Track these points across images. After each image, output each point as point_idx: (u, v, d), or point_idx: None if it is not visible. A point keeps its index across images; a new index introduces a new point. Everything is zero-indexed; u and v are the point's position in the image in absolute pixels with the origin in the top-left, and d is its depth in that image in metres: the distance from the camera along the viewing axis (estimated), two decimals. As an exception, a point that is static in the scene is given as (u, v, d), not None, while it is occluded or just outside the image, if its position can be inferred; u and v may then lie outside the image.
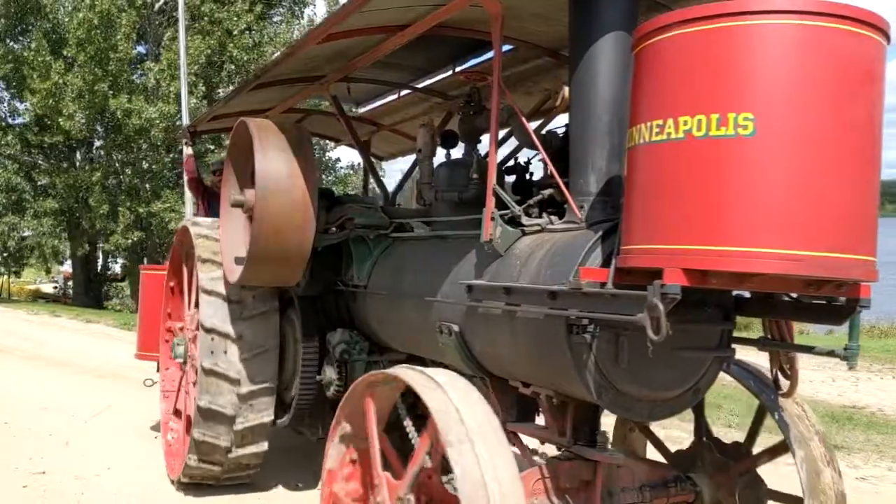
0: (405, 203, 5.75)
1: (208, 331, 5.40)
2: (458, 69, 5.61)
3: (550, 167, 3.62)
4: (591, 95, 3.54)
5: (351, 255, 5.26)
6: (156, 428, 8.04)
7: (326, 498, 3.63)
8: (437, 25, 4.19)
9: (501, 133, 4.85)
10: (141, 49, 27.12)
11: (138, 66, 27.08)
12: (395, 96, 6.60)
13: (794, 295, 3.17)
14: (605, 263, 3.11)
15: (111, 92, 24.31)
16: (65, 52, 24.66)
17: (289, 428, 5.90)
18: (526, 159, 4.77)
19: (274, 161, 4.67)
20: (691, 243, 2.60)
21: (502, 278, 3.61)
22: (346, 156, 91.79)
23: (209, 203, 8.27)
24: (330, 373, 5.28)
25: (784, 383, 3.53)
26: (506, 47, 4.94)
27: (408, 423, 3.39)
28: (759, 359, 3.96)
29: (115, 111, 24.36)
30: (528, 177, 4.76)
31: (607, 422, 3.85)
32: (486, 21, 4.36)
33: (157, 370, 8.06)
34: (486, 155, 4.79)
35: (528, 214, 3.78)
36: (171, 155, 26.09)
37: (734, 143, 2.54)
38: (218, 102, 7.08)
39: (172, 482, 6.07)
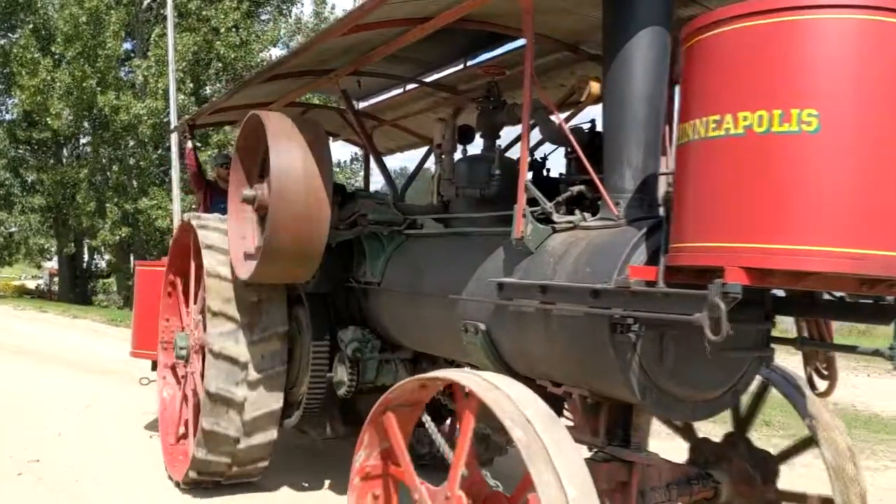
0: (418, 199, 5.57)
1: (215, 314, 5.19)
2: (469, 63, 5.45)
3: (586, 163, 3.46)
4: (627, 91, 3.39)
5: (363, 251, 5.07)
6: (149, 422, 7.99)
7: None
8: (460, 19, 4.02)
9: (513, 129, 4.75)
10: (128, 45, 26.64)
11: (126, 62, 26.61)
12: (401, 91, 6.41)
13: (838, 294, 3.05)
14: (650, 261, 2.98)
15: (99, 88, 23.86)
16: (53, 49, 24.19)
17: (294, 428, 5.70)
18: (542, 155, 4.62)
19: (289, 155, 4.47)
20: (752, 241, 2.46)
21: (534, 276, 3.45)
22: (336, 152, 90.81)
23: (212, 198, 8.00)
24: (342, 372, 5.10)
25: (820, 383, 3.42)
26: (522, 41, 4.79)
27: (431, 427, 3.26)
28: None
29: (103, 108, 23.92)
30: (544, 173, 4.62)
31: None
32: (507, 14, 4.23)
33: (153, 368, 7.82)
34: (507, 150, 4.67)
35: (556, 211, 3.63)
36: (158, 151, 25.70)
37: (798, 140, 2.41)
38: (221, 95, 6.85)
39: (178, 485, 5.86)
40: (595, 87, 3.99)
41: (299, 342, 5.52)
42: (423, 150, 6.32)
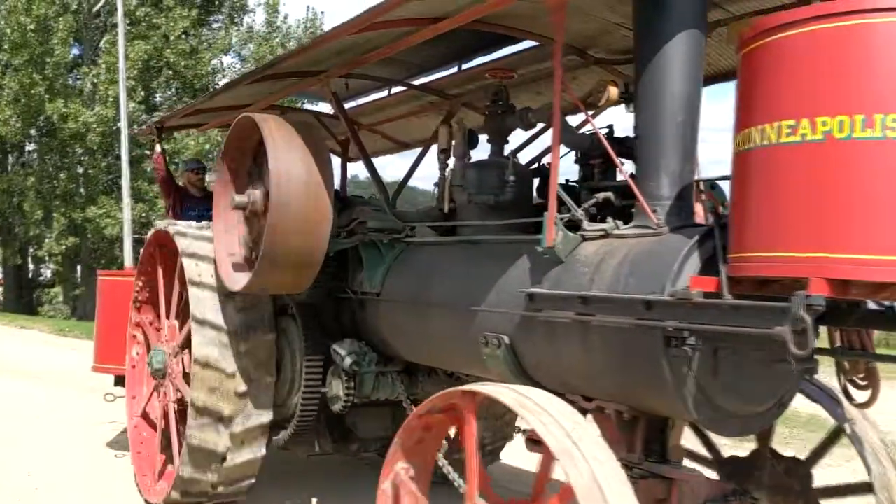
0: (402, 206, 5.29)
1: (201, 323, 4.82)
2: (465, 66, 5.19)
3: (621, 169, 3.25)
4: (663, 95, 3.21)
5: (359, 260, 4.77)
6: (107, 431, 7.84)
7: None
8: (473, 20, 3.78)
9: (511, 135, 4.52)
10: (76, 51, 25.63)
11: (74, 69, 25.60)
12: (384, 94, 6.12)
13: (887, 303, 2.90)
14: (704, 272, 2.77)
15: (47, 96, 22.88)
16: (0, 57, 23.16)
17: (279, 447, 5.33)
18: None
19: (289, 160, 4.15)
20: (837, 251, 2.28)
21: (567, 286, 3.22)
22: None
23: (182, 204, 7.54)
24: (337, 386, 4.77)
25: (857, 394, 3.26)
26: (530, 44, 4.58)
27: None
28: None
29: (51, 115, 22.94)
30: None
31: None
32: (523, 16, 4.01)
33: (116, 383, 7.31)
34: (514, 154, 4.43)
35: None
36: (107, 159, 24.75)
37: (882, 146, 2.24)
38: (200, 97, 6.45)
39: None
40: (613, 91, 3.79)
41: (288, 355, 5.17)
42: (395, 156, 6.05)
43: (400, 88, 5.88)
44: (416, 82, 5.67)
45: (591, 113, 3.86)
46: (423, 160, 5.80)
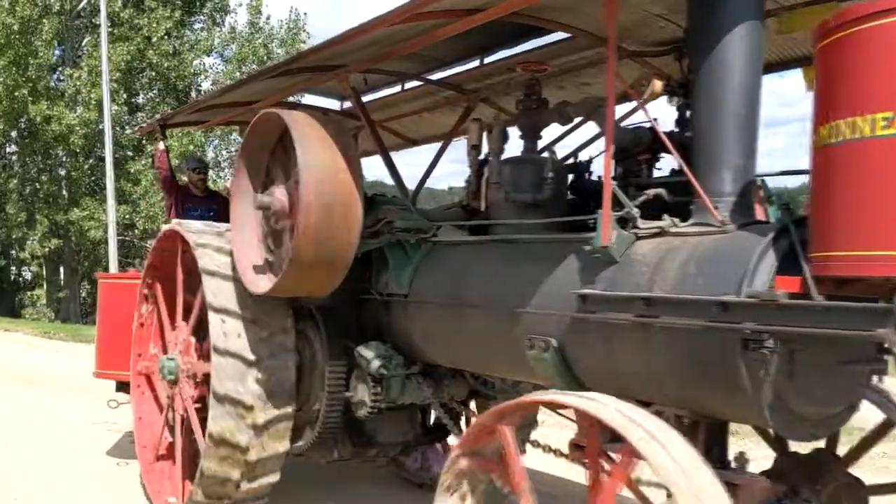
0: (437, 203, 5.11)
1: (221, 353, 4.59)
2: (487, 60, 5.00)
3: (683, 165, 3.09)
4: (724, 87, 3.06)
5: (385, 261, 4.57)
6: (101, 432, 7.79)
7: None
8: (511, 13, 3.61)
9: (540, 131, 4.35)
10: (57, 52, 25.07)
11: (56, 70, 25.06)
12: (397, 89, 5.90)
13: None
14: (782, 271, 2.62)
15: (30, 98, 22.34)
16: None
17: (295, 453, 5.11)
18: (588, 158, 4.26)
19: (318, 157, 3.95)
20: (944, 248, 2.13)
21: (624, 287, 3.06)
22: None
23: (183, 204, 7.28)
24: (363, 391, 4.58)
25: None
26: (560, 35, 4.40)
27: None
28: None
29: (34, 117, 22.41)
30: (587, 176, 4.26)
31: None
32: (562, 8, 3.84)
33: (118, 389, 7.04)
34: (544, 150, 4.27)
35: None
36: (90, 161, 24.25)
37: None
38: (210, 93, 6.20)
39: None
40: (658, 84, 3.63)
41: (308, 359, 4.96)
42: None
43: (414, 84, 5.68)
44: (433, 77, 5.47)
45: (636, 106, 3.71)
46: (441, 156, 5.58)
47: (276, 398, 4.74)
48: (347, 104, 6.49)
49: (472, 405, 5.24)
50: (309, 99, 6.41)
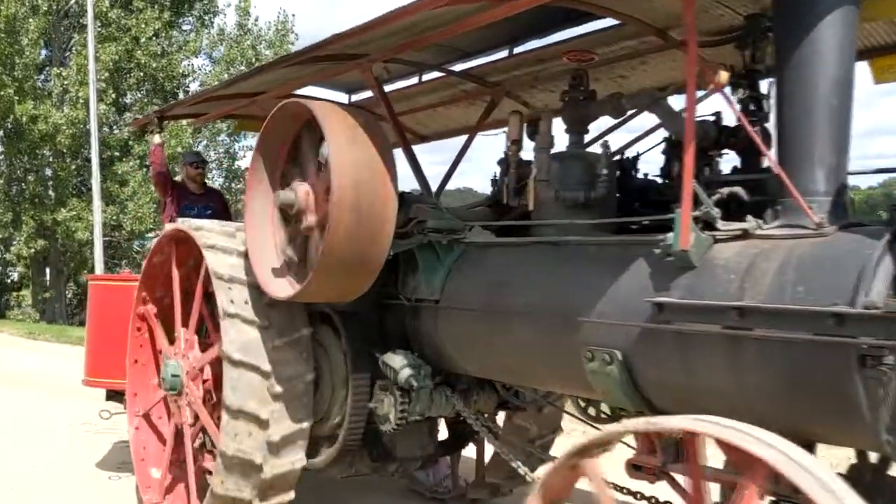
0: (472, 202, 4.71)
1: (235, 364, 4.17)
2: (517, 50, 4.62)
3: (771, 160, 2.75)
4: (816, 77, 2.72)
5: (413, 263, 4.18)
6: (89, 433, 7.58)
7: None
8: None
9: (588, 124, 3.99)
10: (44, 52, 24.41)
11: (43, 71, 24.39)
12: (414, 81, 5.49)
13: None
14: (902, 279, 2.28)
15: (17, 98, 21.68)
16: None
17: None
18: (635, 154, 3.90)
19: (351, 148, 3.57)
20: None
21: (708, 295, 2.70)
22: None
23: (179, 202, 6.79)
24: (388, 403, 4.17)
25: None
26: (610, 22, 4.04)
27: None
28: None
29: (19, 117, 21.74)
30: (633, 173, 3.91)
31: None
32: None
33: (108, 398, 6.56)
34: (589, 145, 3.92)
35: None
36: (76, 161, 23.59)
37: None
38: (213, 85, 5.77)
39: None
40: (724, 75, 3.28)
41: (326, 368, 4.55)
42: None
43: (433, 76, 5.28)
44: (456, 68, 5.08)
45: (698, 98, 3.35)
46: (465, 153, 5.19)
47: (292, 411, 4.35)
48: (356, 97, 6.09)
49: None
50: (311, 91, 5.95)
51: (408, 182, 9.32)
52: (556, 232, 3.61)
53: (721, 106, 3.45)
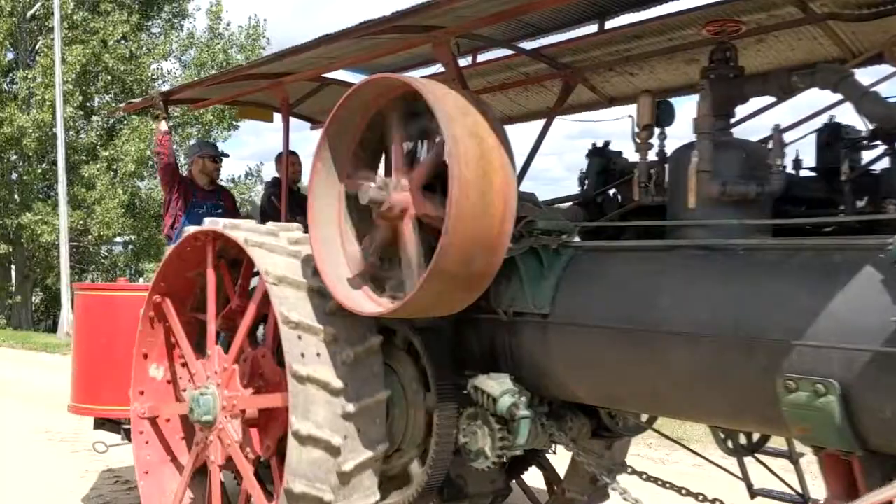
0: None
1: (301, 380, 3.34)
2: (608, 26, 3.90)
3: None
4: None
5: (512, 270, 3.41)
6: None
7: None
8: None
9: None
10: (10, 55, 22.87)
11: (9, 73, 22.87)
12: (468, 61, 4.69)
13: None
14: None
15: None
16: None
17: None
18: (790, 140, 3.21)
19: (469, 136, 2.79)
20: None
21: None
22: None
23: (187, 199, 5.82)
24: (482, 436, 3.40)
25: None
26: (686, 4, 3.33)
27: None
28: None
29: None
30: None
31: None
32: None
33: (96, 427, 5.44)
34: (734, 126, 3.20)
35: None
36: (42, 165, 22.13)
37: None
38: (237, 65, 4.90)
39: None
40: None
41: (396, 392, 3.74)
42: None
43: (499, 54, 4.50)
44: (528, 46, 4.32)
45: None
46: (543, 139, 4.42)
47: (365, 438, 3.52)
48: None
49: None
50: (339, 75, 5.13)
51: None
52: (710, 234, 2.89)
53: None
